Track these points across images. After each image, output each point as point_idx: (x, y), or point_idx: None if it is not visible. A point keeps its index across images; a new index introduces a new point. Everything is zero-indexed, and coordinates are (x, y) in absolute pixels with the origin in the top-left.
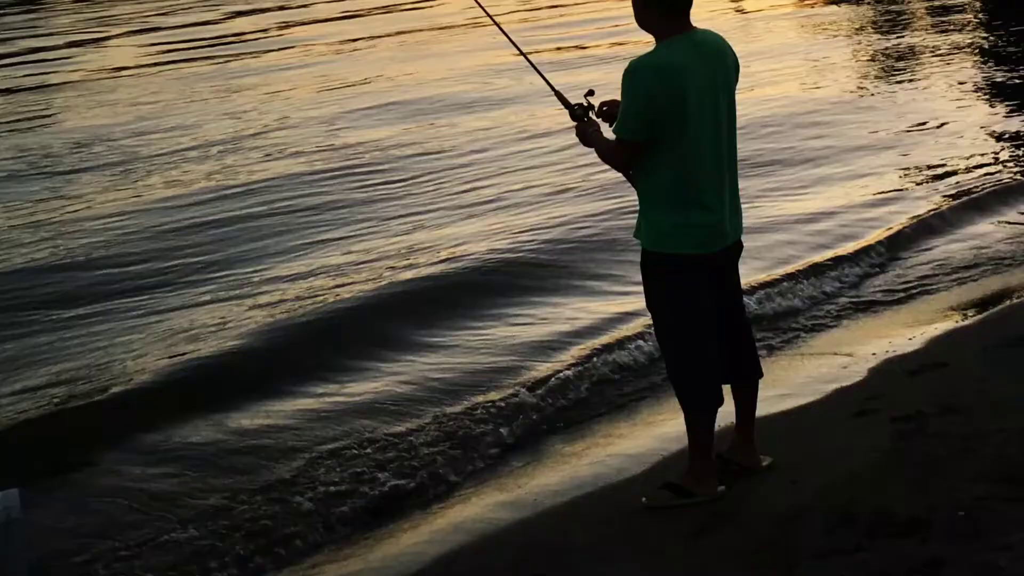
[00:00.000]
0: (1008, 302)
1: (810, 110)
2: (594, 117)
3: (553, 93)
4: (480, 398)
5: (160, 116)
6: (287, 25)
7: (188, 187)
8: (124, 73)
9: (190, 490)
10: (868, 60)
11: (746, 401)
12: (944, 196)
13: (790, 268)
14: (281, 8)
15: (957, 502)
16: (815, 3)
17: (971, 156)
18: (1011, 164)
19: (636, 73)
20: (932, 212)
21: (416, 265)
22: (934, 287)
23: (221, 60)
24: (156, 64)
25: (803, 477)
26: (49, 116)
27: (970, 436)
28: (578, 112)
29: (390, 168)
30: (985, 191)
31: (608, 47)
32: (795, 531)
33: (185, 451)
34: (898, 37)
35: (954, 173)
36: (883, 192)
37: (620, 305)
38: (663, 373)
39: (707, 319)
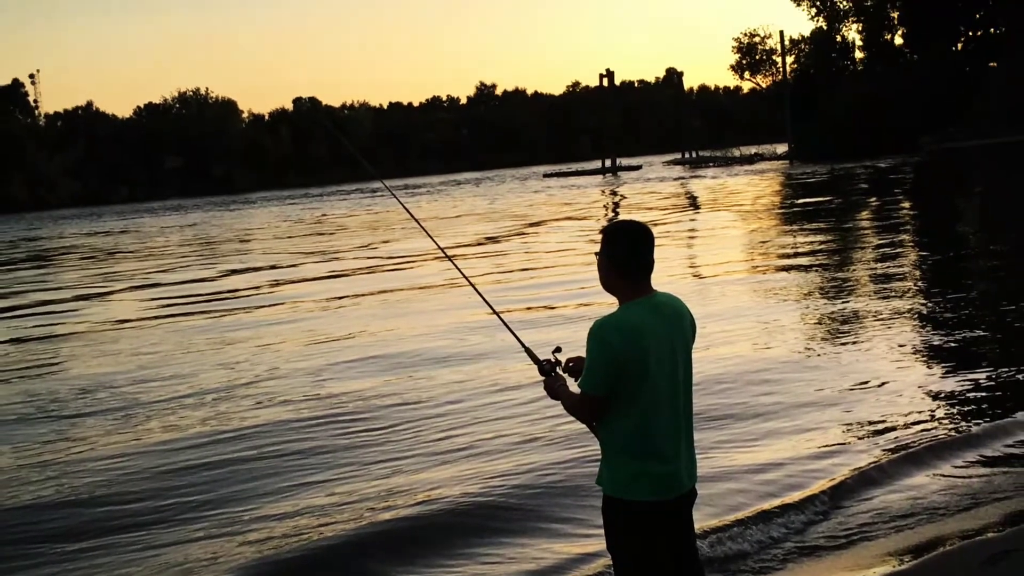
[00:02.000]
0: (941, 549)
1: (761, 368)
2: (561, 372)
3: (523, 349)
4: None
5: (159, 365)
6: (278, 283)
7: (184, 431)
8: (126, 325)
9: None
10: (815, 323)
11: None
12: (884, 450)
13: (740, 514)
14: (272, 267)
15: None
16: (766, 270)
17: (909, 413)
18: (946, 421)
19: (600, 332)
20: (872, 465)
21: (394, 507)
22: (873, 534)
23: (216, 314)
24: (156, 317)
25: None
26: (56, 364)
27: None
28: (546, 367)
29: (371, 416)
30: (922, 446)
31: (575, 308)
32: None
33: None
34: (843, 302)
35: (893, 429)
36: (827, 445)
37: (582, 547)
38: None
39: (664, 562)
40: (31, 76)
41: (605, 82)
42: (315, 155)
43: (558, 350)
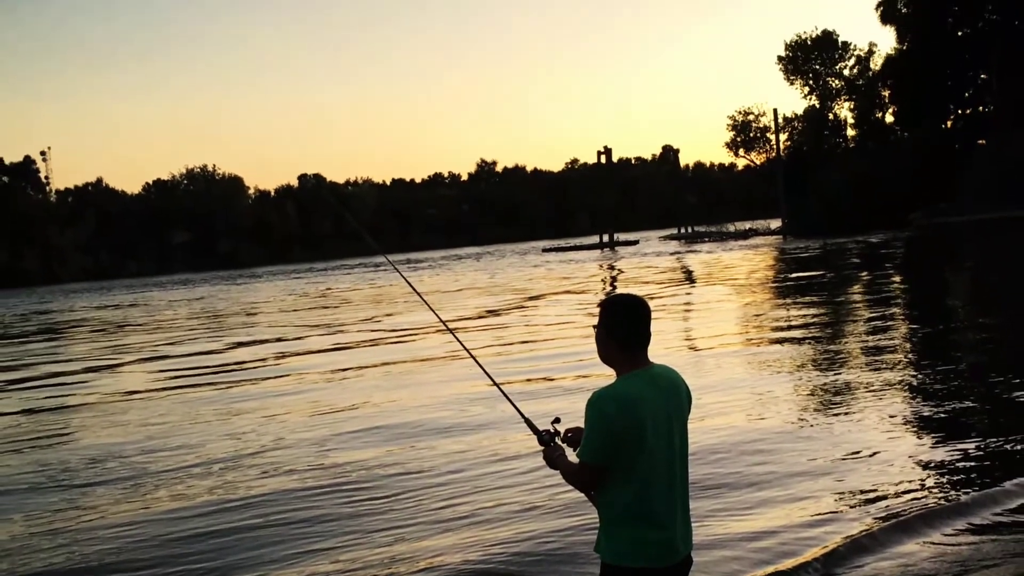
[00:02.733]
0: None
1: (755, 439)
2: (560, 442)
3: (523, 420)
4: None
5: (167, 436)
6: (283, 355)
7: (192, 500)
8: (135, 396)
9: None
10: (808, 394)
11: None
12: (875, 518)
13: None
14: (278, 340)
15: None
16: (760, 343)
17: (900, 482)
18: (936, 490)
19: (598, 403)
20: (864, 533)
21: (397, 574)
22: None
23: (223, 386)
24: (165, 389)
25: None
26: (67, 434)
27: None
28: (545, 438)
29: (375, 485)
30: (912, 514)
31: (573, 379)
32: None
33: None
34: (835, 374)
35: (884, 497)
36: (820, 514)
37: None
38: None
39: None
40: (42, 153)
41: (603, 159)
42: (320, 230)
43: (557, 420)
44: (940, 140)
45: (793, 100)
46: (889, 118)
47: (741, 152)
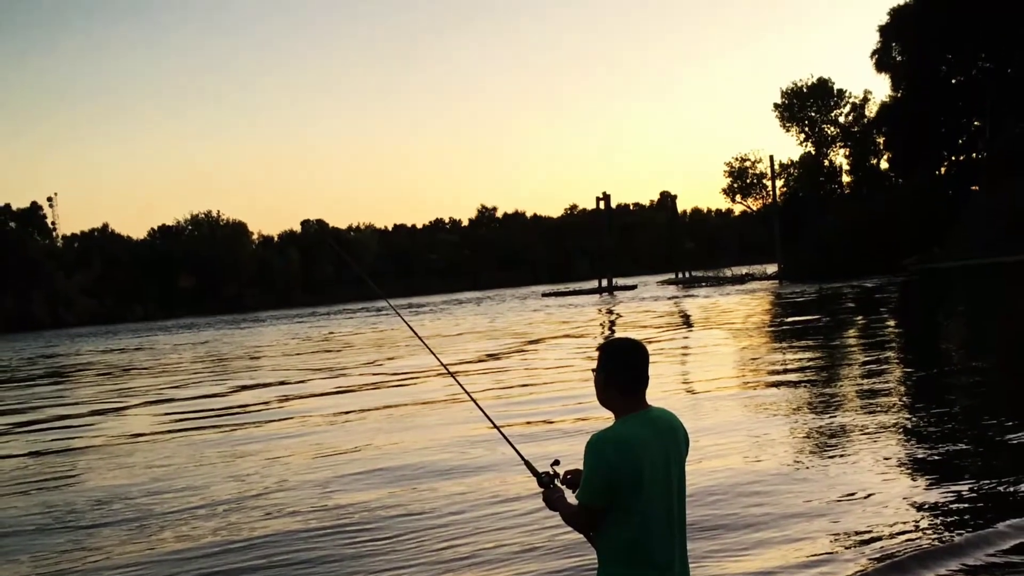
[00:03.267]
0: None
1: (751, 480)
2: (559, 484)
3: (523, 462)
4: None
5: (172, 478)
6: (286, 398)
7: (196, 541)
8: (141, 439)
9: None
10: (804, 437)
11: None
12: (870, 559)
13: None
14: (281, 383)
15: None
16: (757, 386)
17: (894, 523)
18: (930, 531)
19: (597, 446)
20: (859, 573)
21: None
22: None
23: (227, 428)
24: (169, 431)
25: None
26: (73, 476)
27: None
28: (545, 480)
29: (377, 527)
30: (907, 555)
31: (572, 422)
32: None
33: None
34: (831, 417)
35: (879, 538)
36: (816, 555)
37: None
38: None
39: None
40: (49, 199)
41: (602, 205)
42: (322, 275)
43: (556, 463)
44: (934, 186)
45: (789, 147)
46: (884, 164)
47: (738, 198)
